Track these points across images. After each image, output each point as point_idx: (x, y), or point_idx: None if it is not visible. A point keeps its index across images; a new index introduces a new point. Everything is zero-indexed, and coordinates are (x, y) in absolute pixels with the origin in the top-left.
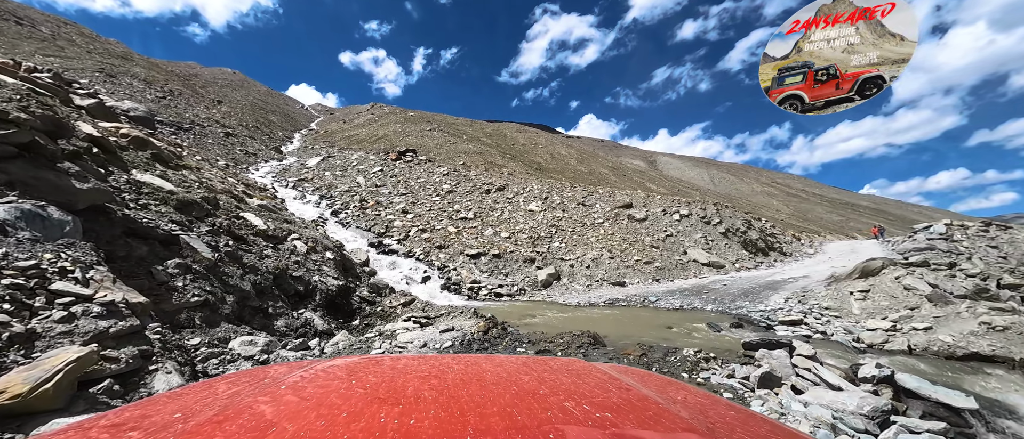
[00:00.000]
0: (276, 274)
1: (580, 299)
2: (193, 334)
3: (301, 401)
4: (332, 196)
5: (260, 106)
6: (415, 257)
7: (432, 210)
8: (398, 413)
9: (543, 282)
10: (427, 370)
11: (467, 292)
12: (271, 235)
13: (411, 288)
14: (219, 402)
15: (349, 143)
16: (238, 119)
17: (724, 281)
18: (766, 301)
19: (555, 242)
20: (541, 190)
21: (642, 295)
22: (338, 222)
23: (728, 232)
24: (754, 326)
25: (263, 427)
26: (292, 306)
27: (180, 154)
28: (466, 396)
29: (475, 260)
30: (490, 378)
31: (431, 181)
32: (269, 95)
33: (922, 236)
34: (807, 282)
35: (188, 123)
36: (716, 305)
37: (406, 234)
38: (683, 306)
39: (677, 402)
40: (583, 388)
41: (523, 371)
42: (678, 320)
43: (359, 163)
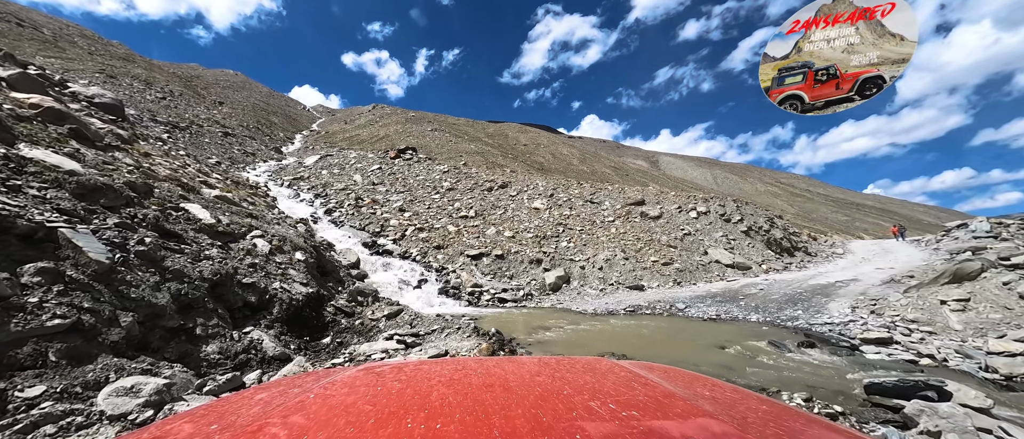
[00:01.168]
0: (215, 281)
1: (595, 306)
2: (37, 380)
3: (330, 409)
4: (327, 194)
5: (261, 107)
6: (412, 258)
7: (431, 208)
8: (424, 418)
9: (552, 285)
10: (450, 374)
11: (467, 297)
12: (222, 231)
13: (404, 293)
14: (253, 412)
15: (350, 143)
16: (239, 120)
17: (758, 284)
18: (824, 311)
19: (562, 242)
20: (546, 187)
21: (666, 301)
22: (331, 221)
23: (750, 230)
24: (833, 347)
25: (296, 436)
26: (236, 323)
27: (124, 136)
28: (490, 399)
29: (476, 261)
30: (513, 380)
31: (430, 179)
32: (271, 96)
33: (964, 234)
34: (862, 286)
35: (185, 123)
36: (761, 315)
37: (402, 233)
38: (720, 315)
39: (705, 398)
40: (607, 387)
41: (545, 372)
42: (726, 336)
43: (357, 161)
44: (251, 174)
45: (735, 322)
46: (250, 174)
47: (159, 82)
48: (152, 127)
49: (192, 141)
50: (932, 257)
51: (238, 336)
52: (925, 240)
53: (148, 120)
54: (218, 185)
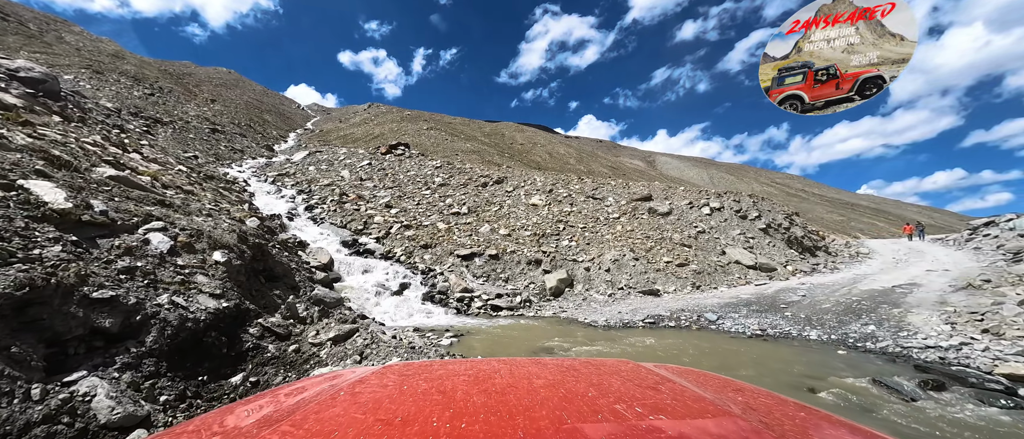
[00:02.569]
0: (25, 297)
1: (607, 315)
2: None
3: (359, 406)
4: (311, 190)
5: (255, 105)
6: (395, 258)
7: (420, 204)
8: (449, 417)
9: (553, 290)
10: (475, 374)
11: (455, 304)
12: (90, 221)
13: (380, 301)
14: (287, 408)
15: (344, 142)
16: (230, 117)
17: (795, 290)
18: (905, 325)
19: (564, 240)
20: (544, 183)
21: (692, 310)
22: (310, 218)
23: (769, 228)
24: (974, 388)
25: (327, 432)
26: (58, 365)
27: (38, 110)
28: (515, 400)
29: (468, 262)
30: (538, 382)
31: (422, 174)
32: (265, 94)
33: (1002, 232)
34: (933, 292)
35: (169, 118)
36: (822, 331)
37: (387, 231)
38: (767, 331)
39: (737, 403)
40: (634, 390)
41: (571, 374)
42: (795, 364)
43: (347, 158)
44: (234, 170)
45: (790, 341)
46: (232, 170)
47: (149, 79)
48: (130, 120)
49: (174, 137)
50: (981, 258)
51: (41, 392)
52: (951, 239)
53: (126, 114)
54: (141, 168)
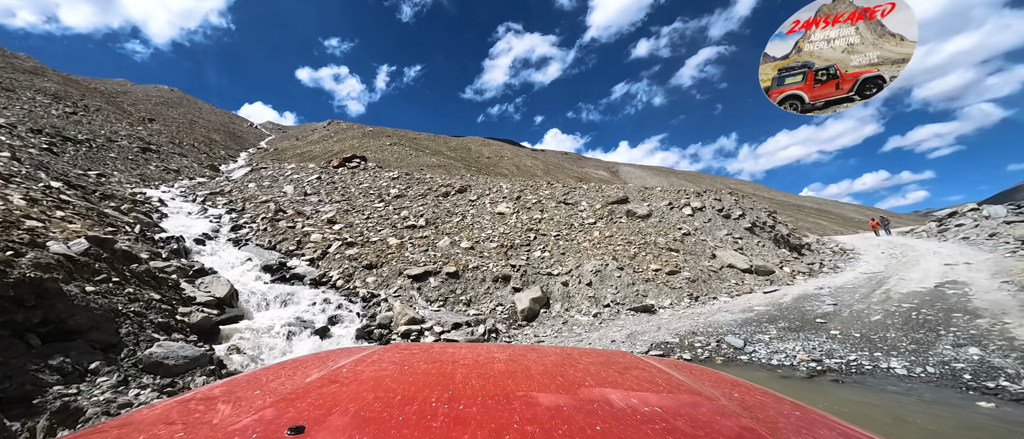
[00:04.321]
0: None
1: (599, 347)
2: None
3: (360, 383)
4: (244, 209)
5: (200, 125)
6: (330, 284)
7: (370, 219)
8: (448, 398)
9: (525, 312)
10: (475, 359)
11: (400, 339)
12: None
13: (294, 346)
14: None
15: (301, 159)
16: (169, 137)
17: (814, 296)
18: (1019, 343)
19: (536, 251)
20: (512, 190)
21: (705, 333)
22: (233, 239)
23: (755, 227)
24: None
25: (328, 405)
26: None
27: None
28: (512, 385)
29: (420, 283)
30: (536, 369)
31: (376, 186)
32: (213, 113)
33: (974, 222)
34: (995, 293)
35: (86, 136)
36: (901, 359)
37: (324, 251)
38: (825, 363)
39: (733, 399)
40: (631, 381)
41: (569, 362)
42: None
43: (294, 173)
44: (158, 191)
45: (866, 378)
46: (156, 191)
47: (72, 97)
48: (28, 137)
49: (90, 155)
50: (982, 248)
51: None
52: (922, 231)
53: (24, 130)
54: None
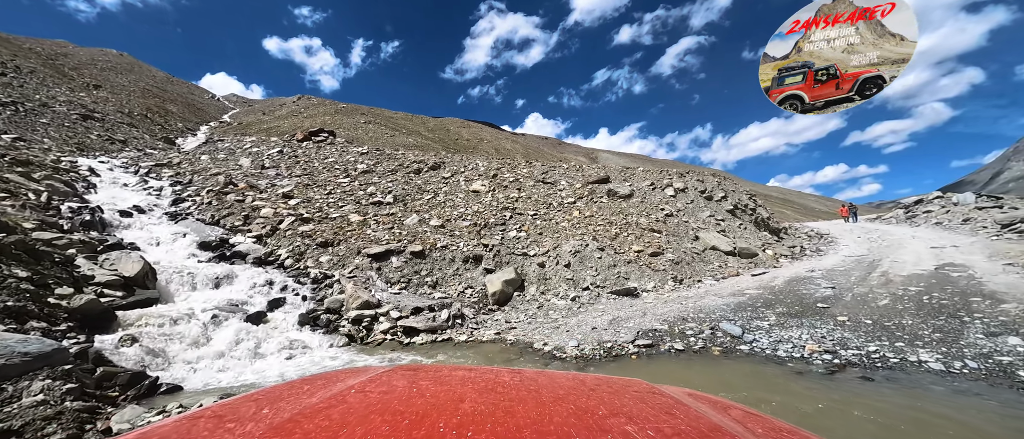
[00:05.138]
0: None
1: (578, 335)
2: None
3: (367, 406)
4: (193, 181)
5: (154, 93)
6: (277, 263)
7: (333, 194)
8: (456, 424)
9: (497, 295)
10: (484, 383)
11: (350, 327)
12: None
13: (215, 334)
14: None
15: (267, 135)
16: (117, 105)
17: (807, 279)
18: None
19: (511, 231)
20: (488, 168)
21: (696, 318)
22: (170, 213)
23: (736, 209)
24: None
25: (335, 428)
26: None
27: None
28: (523, 412)
29: (380, 263)
30: (547, 395)
31: (343, 161)
32: (168, 82)
33: (942, 208)
34: (1000, 275)
35: (14, 99)
36: (932, 351)
37: (274, 227)
38: (841, 355)
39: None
40: (647, 412)
41: (582, 390)
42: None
43: (254, 146)
44: (94, 160)
45: (896, 373)
46: (91, 160)
47: (1, 56)
48: None
49: (12, 119)
50: (959, 232)
51: None
52: (891, 218)
53: None
54: None
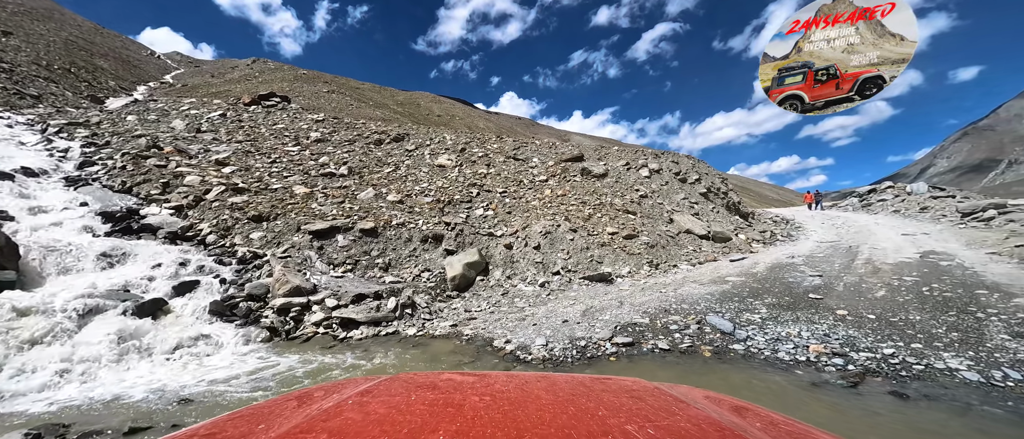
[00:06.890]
0: None
1: (547, 331)
2: None
3: (366, 416)
4: (110, 143)
5: (80, 46)
6: (197, 239)
7: (277, 162)
8: (455, 432)
9: (457, 280)
10: (483, 388)
11: (273, 318)
12: None
13: (92, 326)
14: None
15: (212, 99)
16: (32, 56)
17: (790, 266)
18: None
19: (477, 209)
20: (456, 141)
21: (679, 310)
22: (70, 177)
23: (709, 193)
24: None
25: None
26: None
27: None
28: (523, 416)
29: (323, 241)
30: (547, 398)
31: (294, 128)
32: (98, 33)
33: (906, 194)
34: (991, 265)
35: None
36: (962, 358)
37: (199, 197)
38: (855, 361)
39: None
40: (646, 410)
41: (581, 391)
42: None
43: (192, 108)
44: None
45: (934, 386)
46: None
47: None
48: None
49: None
50: (921, 220)
51: None
52: (847, 205)
53: None
54: None
